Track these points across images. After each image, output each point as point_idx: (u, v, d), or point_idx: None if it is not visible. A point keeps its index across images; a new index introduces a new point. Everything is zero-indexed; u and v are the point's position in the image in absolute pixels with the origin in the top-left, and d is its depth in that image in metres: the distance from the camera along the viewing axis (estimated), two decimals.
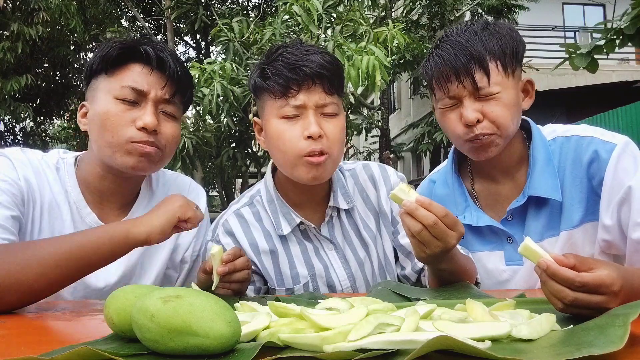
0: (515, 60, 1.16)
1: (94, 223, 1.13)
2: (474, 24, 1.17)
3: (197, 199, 1.30)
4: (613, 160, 1.12)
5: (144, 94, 1.10)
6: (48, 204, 1.10)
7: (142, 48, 1.11)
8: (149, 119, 1.08)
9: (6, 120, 10.86)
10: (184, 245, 1.26)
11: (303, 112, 1.10)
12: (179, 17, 8.23)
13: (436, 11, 7.63)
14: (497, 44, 1.13)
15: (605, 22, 4.46)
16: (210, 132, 5.65)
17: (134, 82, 1.10)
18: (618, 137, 1.16)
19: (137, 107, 1.09)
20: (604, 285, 0.68)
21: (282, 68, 1.10)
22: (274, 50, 1.16)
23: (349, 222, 1.26)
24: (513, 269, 1.22)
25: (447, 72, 1.13)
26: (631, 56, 12.95)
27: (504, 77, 1.13)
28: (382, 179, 1.29)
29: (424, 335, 0.52)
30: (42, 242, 0.94)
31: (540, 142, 1.21)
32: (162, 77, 1.12)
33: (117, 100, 1.09)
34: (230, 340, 0.54)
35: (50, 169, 1.13)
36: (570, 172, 1.17)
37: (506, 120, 1.12)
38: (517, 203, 1.19)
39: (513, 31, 1.19)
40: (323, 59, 1.12)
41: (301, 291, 1.20)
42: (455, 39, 1.14)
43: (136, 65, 1.12)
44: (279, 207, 1.22)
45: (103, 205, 1.16)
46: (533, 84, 1.22)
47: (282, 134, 1.11)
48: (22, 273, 0.87)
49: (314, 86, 1.10)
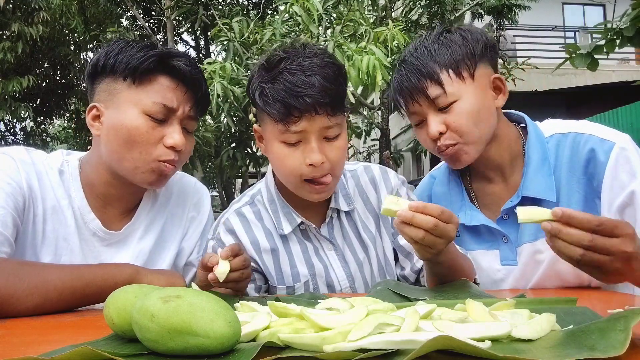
0: (472, 62, 1.15)
1: (98, 229, 1.12)
2: (427, 39, 1.19)
3: (201, 199, 1.30)
4: (612, 161, 1.11)
5: (172, 111, 1.08)
6: (51, 208, 1.08)
7: (175, 62, 1.07)
8: (179, 138, 1.07)
9: (6, 120, 10.86)
10: (188, 248, 1.26)
11: (305, 136, 1.07)
12: (179, 17, 8.23)
13: (436, 11, 7.62)
14: (447, 53, 1.14)
15: (605, 22, 4.46)
16: (210, 132, 5.65)
17: (165, 99, 1.06)
18: (617, 135, 1.14)
19: (165, 124, 1.07)
20: (620, 226, 0.70)
21: (284, 93, 1.03)
22: (274, 63, 1.08)
23: (349, 224, 1.26)
24: (507, 269, 1.21)
25: (404, 94, 1.17)
26: (631, 56, 12.94)
27: (460, 84, 1.13)
28: (382, 181, 1.29)
29: (424, 335, 0.52)
30: (51, 269, 0.96)
31: (536, 139, 1.20)
32: (189, 94, 1.09)
33: (147, 116, 1.05)
34: (230, 340, 0.54)
35: (54, 172, 1.11)
36: (567, 171, 1.16)
37: (468, 127, 1.13)
38: (511, 203, 1.19)
39: (471, 33, 1.18)
40: (326, 78, 1.05)
41: (301, 289, 1.21)
42: (409, 59, 1.18)
43: (165, 78, 1.08)
44: (280, 206, 1.22)
45: (106, 209, 1.15)
46: (502, 79, 1.20)
47: (284, 158, 1.09)
48: (27, 298, 0.90)
49: (317, 114, 1.04)
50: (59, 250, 1.08)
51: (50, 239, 1.08)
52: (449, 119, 1.13)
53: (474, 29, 1.20)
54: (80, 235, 1.11)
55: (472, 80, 1.14)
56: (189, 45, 10.94)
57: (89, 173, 1.14)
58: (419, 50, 1.17)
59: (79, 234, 1.11)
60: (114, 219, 1.16)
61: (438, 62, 1.13)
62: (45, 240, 1.07)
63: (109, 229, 1.14)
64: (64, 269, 0.98)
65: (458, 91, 1.13)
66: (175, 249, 1.23)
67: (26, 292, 0.90)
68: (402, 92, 1.18)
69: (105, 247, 1.13)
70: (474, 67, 1.15)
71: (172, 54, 1.09)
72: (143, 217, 1.19)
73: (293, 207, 1.22)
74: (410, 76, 1.15)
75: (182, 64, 1.08)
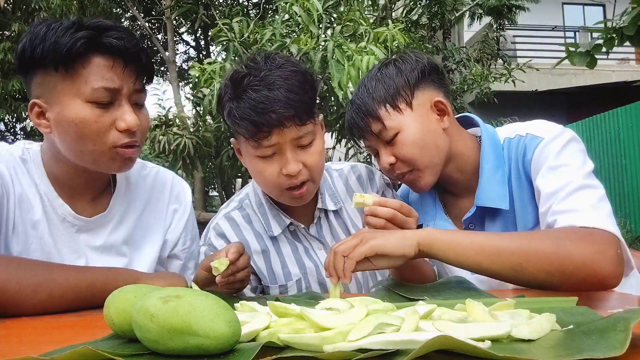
0: (408, 92, 1.18)
1: (67, 214, 1.09)
2: (367, 77, 1.24)
3: (182, 192, 1.28)
4: (535, 156, 1.12)
5: (116, 91, 1.00)
6: (19, 197, 1.06)
7: (106, 40, 0.98)
8: (131, 119, 1.00)
9: (7, 120, 10.85)
10: (172, 240, 1.24)
11: (279, 148, 1.08)
12: (179, 17, 8.23)
13: (436, 11, 7.61)
14: (382, 90, 1.18)
15: (605, 21, 4.46)
16: (210, 132, 5.65)
17: (105, 80, 0.98)
18: (552, 131, 1.13)
19: (112, 107, 1.01)
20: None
21: (250, 112, 1.04)
22: (238, 80, 1.08)
23: (338, 223, 1.29)
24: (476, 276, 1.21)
25: (353, 132, 1.25)
26: (631, 56, 12.94)
27: (399, 116, 1.17)
28: (369, 180, 1.33)
29: (424, 335, 0.52)
30: (54, 268, 0.97)
31: (490, 148, 1.20)
32: (130, 68, 1.01)
33: (91, 104, 0.98)
34: (230, 340, 0.54)
35: (17, 161, 1.08)
36: (516, 174, 1.17)
37: (415, 154, 1.16)
38: (469, 214, 1.21)
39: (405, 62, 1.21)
40: (290, 89, 1.04)
41: (294, 288, 1.23)
42: (354, 100, 1.23)
43: (99, 57, 0.98)
44: (268, 209, 1.25)
45: (75, 198, 1.11)
46: (443, 102, 1.21)
47: (261, 172, 1.11)
48: (33, 295, 0.90)
49: (285, 127, 1.05)
50: (29, 239, 1.06)
51: (19, 229, 1.05)
52: (396, 150, 1.18)
53: (410, 57, 1.23)
54: (49, 222, 1.08)
55: (411, 109, 1.18)
56: (189, 45, 10.94)
57: (51, 165, 1.10)
58: (360, 90, 1.23)
59: (48, 220, 1.08)
60: (86, 204, 1.13)
61: (375, 99, 1.18)
62: (14, 229, 1.05)
63: (81, 214, 1.11)
64: (68, 269, 0.98)
65: (398, 124, 1.17)
66: (160, 241, 1.21)
67: (32, 289, 0.90)
68: (352, 130, 1.25)
69: (77, 233, 1.11)
70: (411, 97, 1.18)
71: (101, 29, 0.99)
72: (117, 207, 1.16)
73: (281, 209, 1.24)
74: (355, 116, 1.22)
75: (114, 39, 0.99)
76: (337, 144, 5.77)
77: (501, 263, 0.93)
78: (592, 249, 0.91)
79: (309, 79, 1.12)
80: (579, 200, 1.02)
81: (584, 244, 0.92)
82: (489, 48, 8.71)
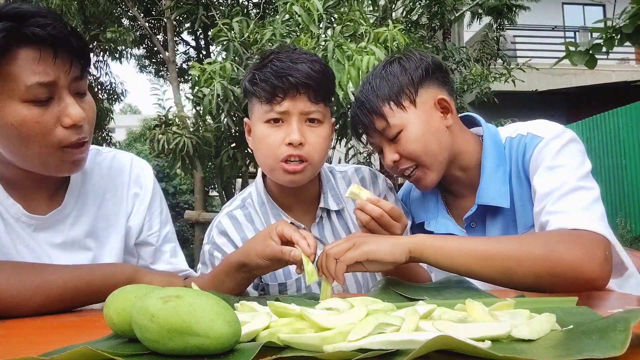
0: (412, 90, 1.19)
1: (20, 214, 1.04)
2: (372, 75, 1.25)
3: (142, 174, 1.21)
4: (534, 155, 1.13)
5: (53, 84, 0.92)
6: None
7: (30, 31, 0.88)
8: (75, 112, 0.93)
9: None
10: (135, 227, 1.17)
11: (287, 118, 1.14)
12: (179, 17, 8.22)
13: (436, 11, 7.60)
14: (387, 87, 1.20)
15: (605, 20, 4.46)
16: (210, 132, 5.64)
17: (37, 75, 0.89)
18: (552, 131, 1.14)
19: (53, 102, 0.93)
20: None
21: (270, 75, 1.13)
22: (266, 55, 1.18)
23: (340, 223, 1.29)
24: None
25: (357, 129, 1.27)
26: (631, 56, 12.94)
27: (402, 113, 1.18)
28: (372, 183, 1.34)
29: (424, 335, 0.52)
30: (49, 269, 0.96)
31: (491, 147, 1.21)
32: (62, 56, 0.92)
33: (29, 103, 0.90)
34: (230, 340, 0.54)
35: None
36: (516, 173, 1.18)
37: (418, 152, 1.18)
38: (470, 212, 1.22)
39: (410, 60, 1.22)
40: (312, 68, 1.14)
41: (293, 286, 1.24)
42: (359, 97, 1.25)
43: (26, 50, 0.89)
44: (269, 209, 1.27)
45: (28, 197, 1.06)
46: (447, 100, 1.22)
47: (266, 138, 1.15)
48: (30, 299, 0.90)
49: (299, 95, 1.13)
50: None
51: None
52: (399, 148, 1.19)
53: (414, 55, 1.24)
54: (5, 223, 1.03)
55: (415, 107, 1.19)
56: (189, 45, 10.93)
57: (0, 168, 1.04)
58: (365, 88, 1.24)
59: (3, 221, 1.03)
60: (42, 202, 1.07)
61: (380, 96, 1.20)
62: None
63: (36, 212, 1.06)
64: (64, 269, 0.98)
65: (401, 121, 1.18)
66: (122, 229, 1.15)
67: (29, 293, 0.90)
68: (356, 128, 1.27)
69: (35, 232, 1.06)
70: (414, 94, 1.19)
71: (24, 18, 0.89)
72: (72, 201, 1.11)
73: (282, 208, 1.26)
74: (359, 113, 1.23)
75: (37, 27, 0.89)
76: (337, 144, 5.77)
77: (492, 267, 0.93)
78: (581, 251, 0.91)
79: (331, 73, 1.21)
80: (572, 202, 1.02)
81: (574, 246, 0.92)
82: (489, 48, 8.70)
